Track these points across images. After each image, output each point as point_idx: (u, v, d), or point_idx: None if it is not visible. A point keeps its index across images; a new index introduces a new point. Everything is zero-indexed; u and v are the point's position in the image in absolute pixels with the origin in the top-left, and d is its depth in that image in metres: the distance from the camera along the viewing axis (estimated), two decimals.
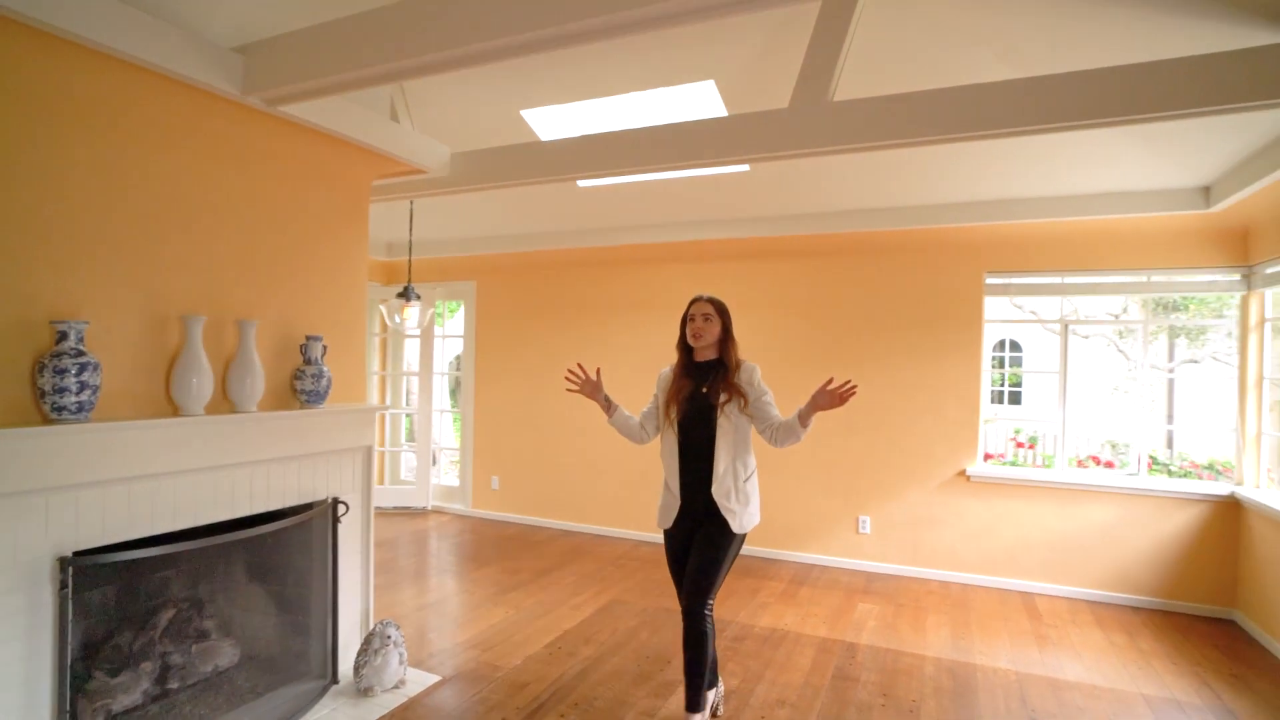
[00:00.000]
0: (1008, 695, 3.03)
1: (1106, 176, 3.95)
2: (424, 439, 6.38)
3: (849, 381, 2.41)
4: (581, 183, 4.75)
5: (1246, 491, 3.92)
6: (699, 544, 2.56)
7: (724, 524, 2.52)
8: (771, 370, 4.85)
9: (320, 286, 2.99)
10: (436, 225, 5.60)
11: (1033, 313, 8.31)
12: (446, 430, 7.59)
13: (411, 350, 6.74)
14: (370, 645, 2.89)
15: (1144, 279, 4.34)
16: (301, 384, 2.79)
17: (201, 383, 2.42)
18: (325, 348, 2.87)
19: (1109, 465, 4.70)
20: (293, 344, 2.84)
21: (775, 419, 2.58)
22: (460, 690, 2.97)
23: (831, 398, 2.42)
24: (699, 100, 3.91)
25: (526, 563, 4.83)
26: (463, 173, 3.56)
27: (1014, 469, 4.70)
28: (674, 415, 2.63)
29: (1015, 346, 12.78)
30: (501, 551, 5.10)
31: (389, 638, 2.90)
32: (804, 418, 2.49)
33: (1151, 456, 4.39)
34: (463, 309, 6.41)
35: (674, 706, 2.87)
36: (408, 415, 6.70)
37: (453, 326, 6.99)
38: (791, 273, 5.10)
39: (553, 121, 4.22)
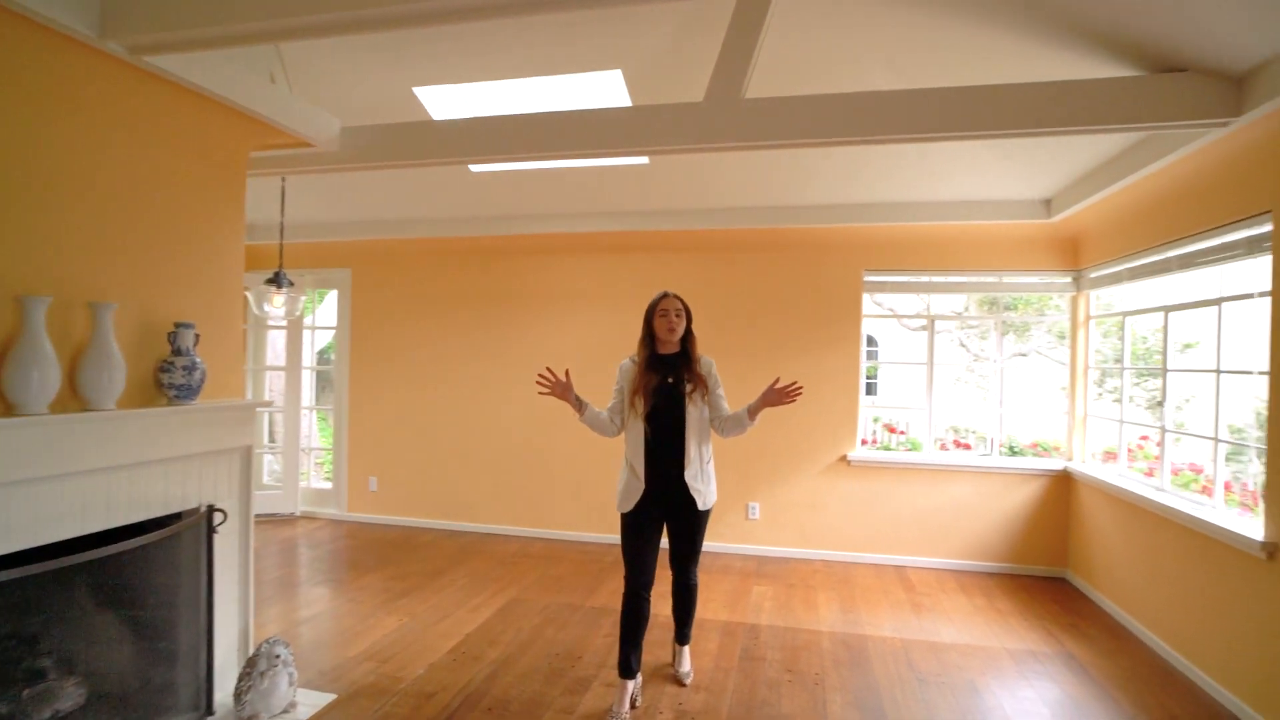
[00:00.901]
0: (897, 661, 3.27)
1: (968, 186, 4.36)
2: (292, 439, 5.85)
3: (795, 382, 2.68)
4: (475, 168, 4.55)
5: (1076, 466, 4.50)
6: (677, 533, 2.84)
7: (692, 504, 2.75)
8: None
9: (192, 267, 2.63)
10: (308, 206, 5.14)
11: (891, 310, 9.06)
12: (312, 429, 7.01)
13: (276, 342, 6.16)
14: (255, 668, 2.60)
15: (995, 279, 4.84)
16: (170, 377, 2.44)
17: (44, 376, 2.05)
18: (198, 336, 2.53)
19: (966, 447, 5.21)
20: (159, 332, 2.48)
21: (725, 411, 2.85)
22: (361, 708, 2.75)
23: (780, 395, 2.67)
24: (605, 89, 3.86)
25: (414, 566, 4.57)
26: (355, 149, 3.28)
27: (888, 453, 5.08)
28: (641, 407, 2.75)
29: (871, 341, 13.92)
30: (385, 556, 4.79)
31: (277, 657, 2.62)
32: (753, 412, 2.76)
33: (1006, 439, 4.94)
34: (335, 298, 5.94)
35: (591, 701, 2.83)
36: (272, 413, 6.11)
37: (323, 316, 6.45)
38: (685, 267, 5.19)
39: (448, 102, 4.00)
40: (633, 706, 2.78)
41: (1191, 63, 2.60)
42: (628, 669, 2.74)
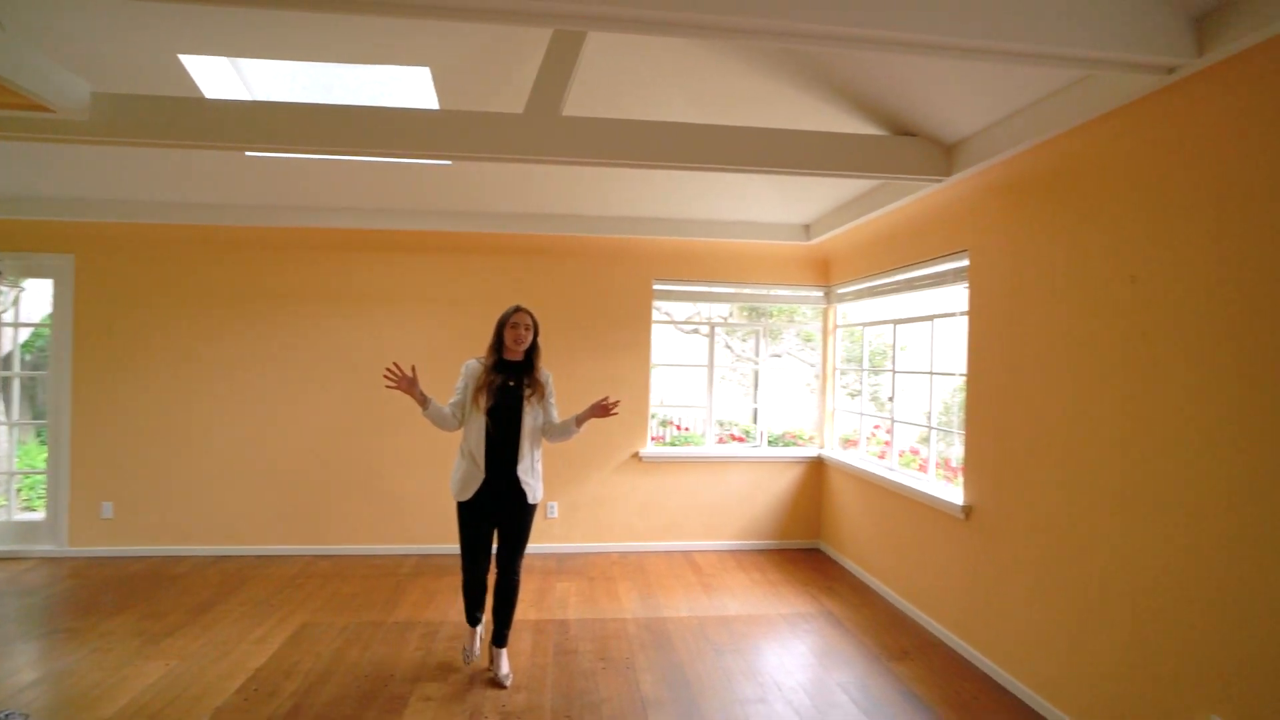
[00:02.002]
0: (695, 636, 3.63)
1: (744, 208, 4.94)
2: None
3: (617, 400, 3.23)
4: (251, 152, 4.09)
5: (827, 453, 5.32)
6: (508, 521, 3.09)
7: (523, 496, 3.06)
8: (460, 365, 4.84)
9: None
10: (14, 174, 4.20)
11: (667, 314, 9.75)
12: (10, 450, 5.65)
13: None
14: None
15: (765, 291, 5.52)
16: None
17: None
18: None
19: (740, 440, 5.86)
20: None
21: (555, 419, 3.20)
22: None
23: (602, 410, 3.14)
24: (411, 85, 3.73)
25: (173, 602, 3.98)
26: (107, 120, 2.79)
27: (674, 448, 5.53)
28: (484, 403, 3.01)
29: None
30: (132, 594, 4.10)
31: None
32: (579, 421, 3.18)
33: (773, 431, 5.66)
34: (51, 290, 4.90)
35: (413, 717, 2.75)
36: None
37: (26, 311, 5.24)
38: (489, 270, 5.15)
39: (224, 76, 3.56)
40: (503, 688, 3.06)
41: (920, 130, 3.27)
42: (474, 620, 3.25)
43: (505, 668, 3.12)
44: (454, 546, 5.06)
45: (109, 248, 4.85)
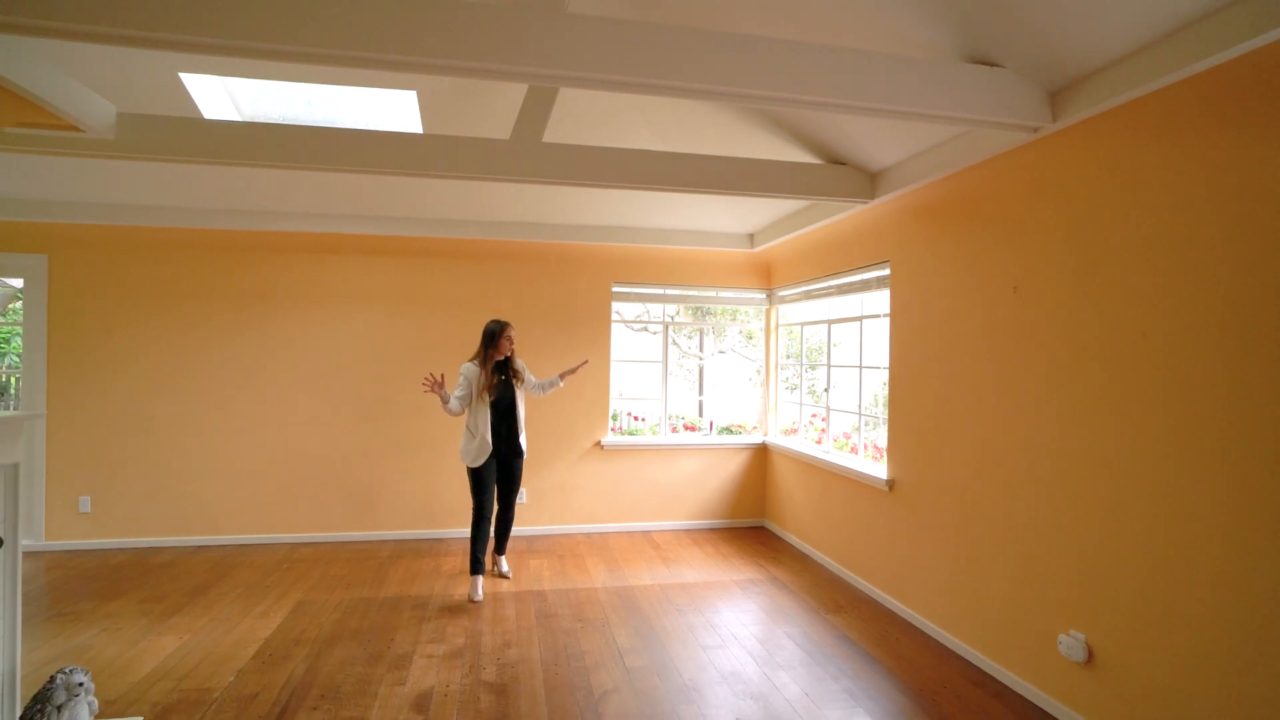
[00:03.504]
0: (660, 599, 4.12)
1: (696, 219, 5.45)
2: None
3: (585, 361, 4.88)
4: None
5: (771, 439, 5.90)
6: (507, 472, 4.31)
7: (521, 452, 4.35)
8: (436, 362, 5.19)
9: None
10: None
11: (619, 314, 10.22)
12: None
13: None
14: (49, 702, 2.42)
15: (713, 293, 6.05)
16: None
17: None
18: None
19: (693, 429, 6.38)
20: None
21: (536, 380, 4.51)
22: None
23: (575, 371, 4.60)
24: (398, 108, 4.07)
25: (169, 586, 4.21)
26: (134, 140, 3.06)
27: (633, 437, 6.01)
28: (489, 396, 4.17)
29: None
30: (123, 582, 4.31)
31: (79, 685, 2.47)
32: (563, 376, 4.53)
33: (723, 421, 6.21)
34: (22, 289, 4.99)
35: (419, 673, 3.14)
36: None
37: None
38: (458, 273, 5.50)
39: (222, 95, 3.83)
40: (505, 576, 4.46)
41: (849, 160, 3.84)
42: (478, 566, 4.20)
43: (505, 566, 4.57)
44: (431, 531, 5.42)
45: (83, 248, 4.98)
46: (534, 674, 3.15)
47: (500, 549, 4.58)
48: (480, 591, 4.12)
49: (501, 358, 4.21)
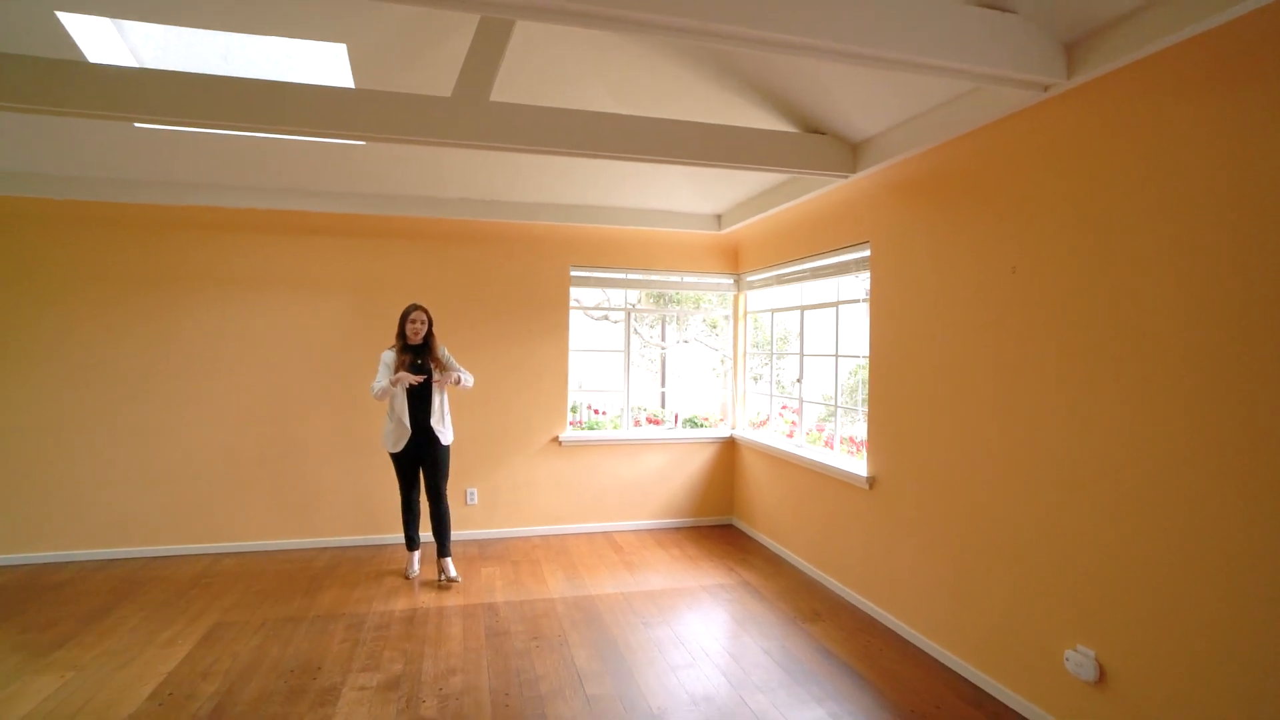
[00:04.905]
0: (623, 611, 3.77)
1: (660, 198, 5.08)
2: None
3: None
4: (141, 124, 3.80)
5: (739, 433, 5.59)
6: (430, 462, 4.16)
7: (437, 440, 4.14)
8: (373, 351, 4.75)
9: None
10: None
11: (578, 300, 9.80)
12: None
13: None
14: None
15: (678, 278, 5.70)
16: None
17: None
18: None
19: (657, 423, 6.02)
20: None
21: (459, 368, 4.21)
22: None
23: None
24: (326, 63, 3.58)
25: (58, 611, 3.68)
26: None
27: (593, 431, 5.62)
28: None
29: None
30: (4, 607, 3.75)
31: None
32: (446, 376, 4.22)
33: (689, 414, 5.88)
34: None
35: (348, 709, 2.72)
36: None
37: None
38: (403, 255, 5.02)
39: (110, 39, 3.29)
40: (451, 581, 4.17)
41: (829, 129, 3.51)
42: (412, 543, 4.31)
43: (452, 570, 4.20)
44: (373, 537, 4.97)
45: None
46: (481, 707, 2.76)
47: (443, 550, 4.24)
48: (416, 567, 4.27)
49: (416, 342, 4.09)
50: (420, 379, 4.00)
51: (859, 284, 4.04)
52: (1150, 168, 2.21)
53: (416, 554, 4.34)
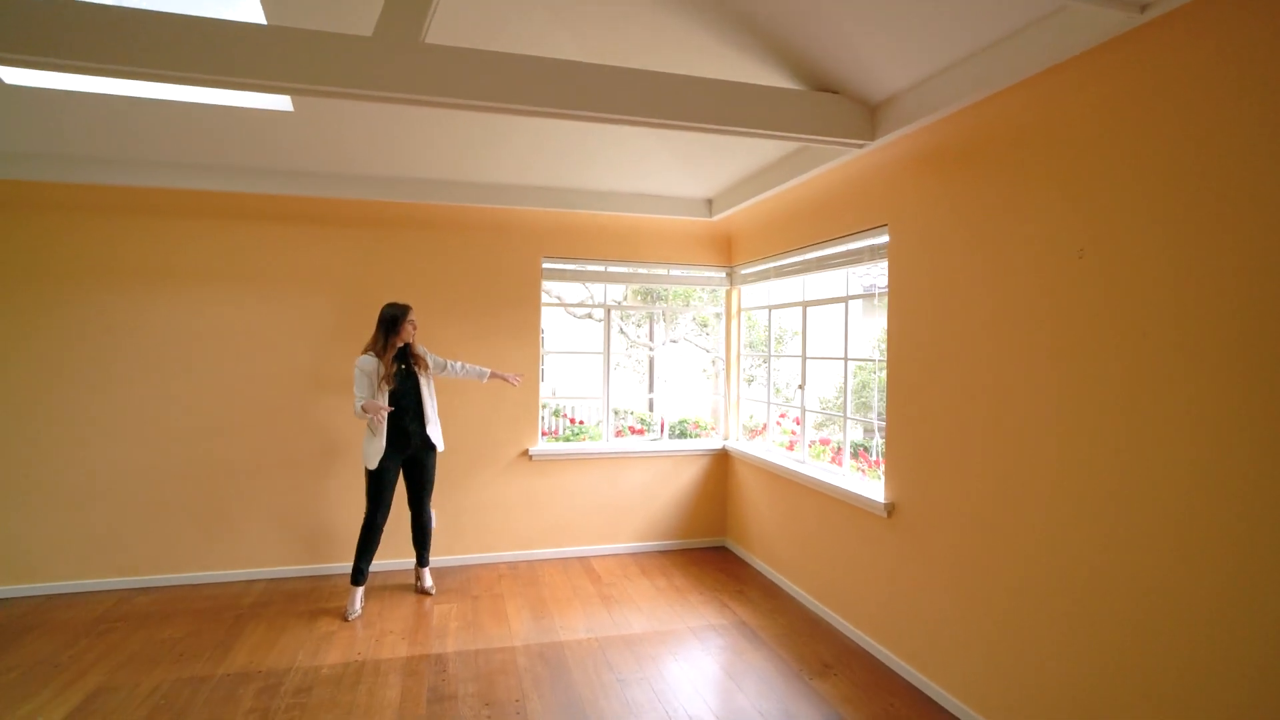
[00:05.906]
0: (595, 663, 3.16)
1: (643, 180, 4.47)
2: None
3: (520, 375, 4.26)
4: (10, 78, 3.16)
5: (732, 444, 4.99)
6: (419, 472, 3.90)
7: (432, 448, 3.91)
8: (314, 353, 4.16)
9: None
10: None
11: (558, 297, 9.18)
12: None
13: None
14: None
15: (664, 271, 5.10)
16: None
17: None
18: None
19: (640, 432, 5.43)
20: None
21: (445, 362, 4.03)
22: None
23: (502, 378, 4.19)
24: (235, 5, 2.95)
25: None
26: None
27: (569, 444, 5.01)
28: (386, 386, 3.67)
29: None
30: None
31: None
32: (492, 376, 4.16)
33: (676, 422, 5.28)
34: None
35: None
36: None
37: None
38: (346, 242, 4.39)
39: None
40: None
41: (843, 87, 2.91)
42: (359, 576, 3.74)
43: (429, 580, 4.09)
44: (312, 567, 4.34)
45: None
46: None
47: (422, 560, 4.09)
48: (358, 606, 3.73)
49: (404, 343, 3.80)
50: (389, 409, 3.64)
51: (873, 276, 3.45)
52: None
53: (360, 591, 3.75)
